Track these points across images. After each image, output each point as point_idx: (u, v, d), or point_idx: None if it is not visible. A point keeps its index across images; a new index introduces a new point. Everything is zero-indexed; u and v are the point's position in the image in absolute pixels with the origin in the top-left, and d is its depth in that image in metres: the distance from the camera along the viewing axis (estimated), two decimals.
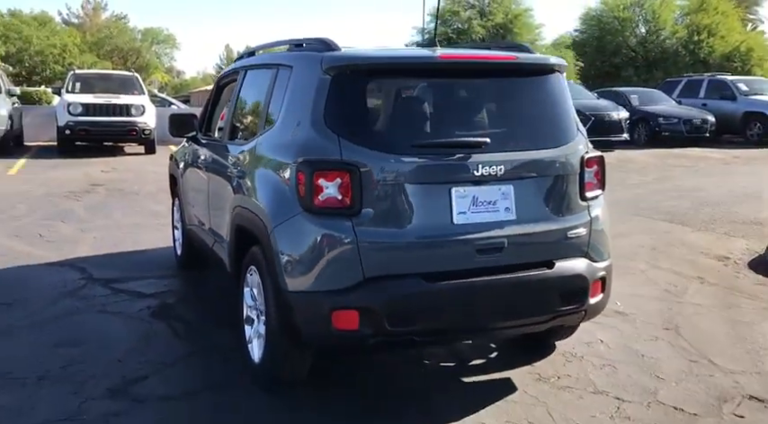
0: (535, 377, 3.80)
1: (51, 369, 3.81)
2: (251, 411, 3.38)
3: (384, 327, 3.09)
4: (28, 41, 32.59)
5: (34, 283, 5.44)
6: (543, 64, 3.62)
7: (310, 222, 3.14)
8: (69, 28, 42.31)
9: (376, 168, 3.12)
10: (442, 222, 3.22)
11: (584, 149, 3.60)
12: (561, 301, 3.46)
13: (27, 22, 36.81)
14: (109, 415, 3.29)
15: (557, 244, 3.45)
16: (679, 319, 4.79)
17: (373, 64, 3.34)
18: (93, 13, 47.96)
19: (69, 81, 14.93)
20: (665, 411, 3.43)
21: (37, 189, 9.88)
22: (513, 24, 34.91)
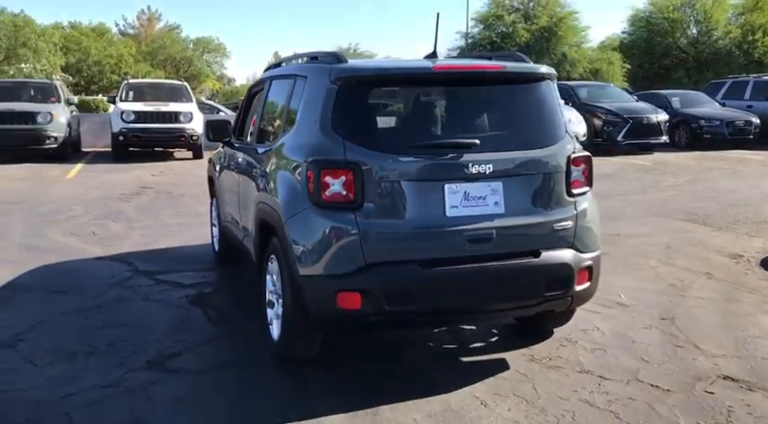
0: (528, 358, 4.16)
1: (99, 346, 4.34)
2: (269, 385, 3.82)
3: (383, 307, 3.51)
4: (86, 52, 34.16)
5: (86, 274, 6.03)
6: (530, 72, 4.00)
7: (318, 215, 3.58)
8: (125, 38, 44.01)
9: (376, 167, 3.54)
10: (436, 214, 3.61)
11: (572, 149, 3.95)
12: (547, 287, 3.81)
13: (86, 33, 38.49)
14: (147, 383, 3.78)
15: (543, 236, 3.81)
16: (678, 310, 5.07)
17: (374, 75, 3.78)
18: (147, 24, 49.70)
19: (123, 90, 15.79)
20: (642, 388, 3.75)
21: (92, 192, 10.62)
22: (558, 27, 34.95)
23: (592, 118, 16.89)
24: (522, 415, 3.44)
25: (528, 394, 3.67)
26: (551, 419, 3.40)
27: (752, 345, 4.39)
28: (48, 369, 3.96)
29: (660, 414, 3.46)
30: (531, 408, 3.52)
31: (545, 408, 3.52)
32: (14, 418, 3.38)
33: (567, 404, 3.57)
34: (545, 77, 3.99)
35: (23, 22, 30.54)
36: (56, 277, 5.97)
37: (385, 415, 3.42)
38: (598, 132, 16.89)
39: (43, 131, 14.01)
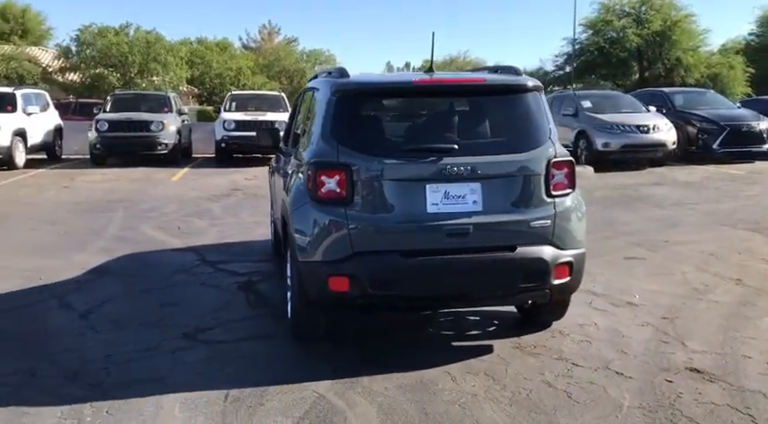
0: (515, 345, 4.54)
1: (150, 320, 5.12)
2: (277, 354, 4.44)
3: (367, 291, 4.04)
4: (209, 65, 36.64)
5: (160, 262, 6.92)
6: (510, 85, 4.41)
7: (315, 209, 4.16)
8: (246, 52, 46.66)
9: (363, 168, 4.07)
10: (418, 211, 4.10)
11: (552, 154, 4.31)
12: (523, 279, 4.20)
13: (211, 47, 41.20)
14: (176, 349, 4.50)
15: (519, 232, 4.20)
16: (684, 311, 5.25)
17: (365, 88, 4.33)
18: (268, 38, 52.35)
19: (227, 101, 17.15)
20: (606, 374, 4.06)
21: (189, 193, 11.77)
22: (672, 31, 33.75)
23: (686, 125, 16.49)
24: (483, 390, 3.86)
25: (497, 374, 4.08)
26: (507, 394, 3.80)
27: (739, 344, 4.54)
28: (104, 335, 4.77)
29: (610, 395, 3.77)
30: (495, 385, 3.93)
31: (507, 385, 3.92)
32: (67, 369, 4.17)
33: (528, 384, 3.95)
34: (527, 89, 4.39)
35: (155, 39, 33.13)
36: (134, 263, 6.90)
37: (362, 383, 3.93)
38: (692, 140, 16.47)
39: (156, 138, 15.54)
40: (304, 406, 3.64)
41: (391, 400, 3.72)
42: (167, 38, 34.71)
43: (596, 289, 5.85)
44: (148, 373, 4.10)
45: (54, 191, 12.10)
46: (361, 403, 3.68)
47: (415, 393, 3.81)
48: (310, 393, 3.81)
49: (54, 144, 17.15)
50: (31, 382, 3.98)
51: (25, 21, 46.83)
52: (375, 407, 3.63)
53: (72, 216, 9.65)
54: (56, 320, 5.12)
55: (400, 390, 3.86)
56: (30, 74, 31.93)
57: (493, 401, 3.72)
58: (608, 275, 6.32)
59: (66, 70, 33.91)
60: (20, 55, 32.34)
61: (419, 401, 3.70)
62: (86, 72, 32.96)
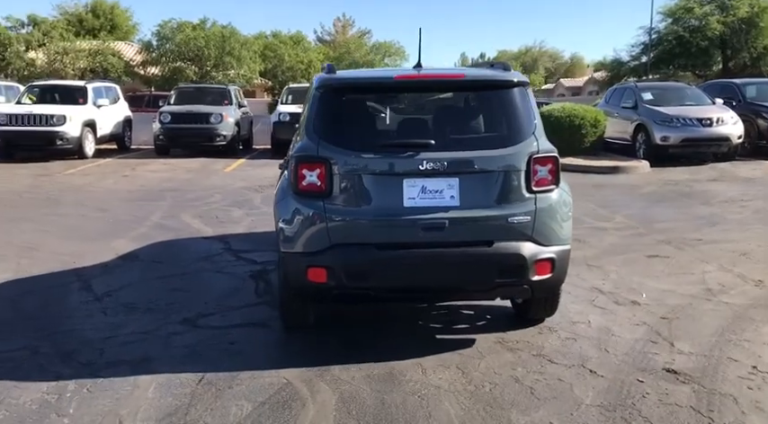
0: (497, 341, 4.55)
1: (159, 304, 5.38)
2: (264, 341, 4.62)
3: (343, 282, 4.15)
4: (281, 59, 37.37)
5: (187, 249, 7.23)
6: (491, 80, 4.40)
7: (296, 201, 4.28)
8: (319, 45, 47.34)
9: (341, 162, 4.17)
10: (394, 205, 4.17)
11: (534, 150, 4.28)
12: (499, 274, 4.21)
13: (285, 41, 42.01)
14: (171, 333, 4.72)
15: (497, 228, 4.20)
16: (688, 312, 5.12)
17: (345, 83, 4.41)
18: (342, 30, 52.93)
19: (284, 93, 17.54)
20: (578, 372, 4.03)
21: (236, 183, 12.15)
22: (760, 18, 32.05)
23: (756, 118, 15.79)
24: (448, 383, 3.90)
25: (468, 368, 4.11)
26: (471, 388, 3.84)
27: (731, 347, 4.41)
28: (111, 318, 5.05)
29: (573, 393, 3.76)
30: (462, 378, 3.97)
31: (473, 379, 3.95)
32: (67, 348, 4.46)
33: (496, 378, 3.97)
34: (509, 85, 4.37)
35: (229, 33, 34.13)
36: (163, 250, 7.24)
37: (333, 372, 4.05)
38: (763, 134, 15.73)
39: (214, 130, 16.08)
40: (269, 391, 3.79)
41: (354, 389, 3.82)
42: (243, 32, 35.77)
43: (604, 287, 5.76)
44: (138, 355, 4.33)
45: (113, 180, 12.74)
46: (324, 391, 3.79)
47: (381, 384, 3.89)
48: (280, 379, 3.95)
49: (123, 134, 18.01)
50: (32, 358, 4.28)
51: (114, 17, 49.11)
52: (336, 395, 3.74)
53: (122, 203, 10.16)
54: (73, 302, 5.45)
55: (367, 380, 3.95)
56: (114, 67, 33.48)
57: (453, 393, 3.76)
58: (623, 272, 6.21)
59: (147, 64, 35.35)
60: (105, 49, 33.89)
61: (381, 391, 3.78)
62: (166, 65, 34.27)
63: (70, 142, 15.17)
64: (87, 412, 3.54)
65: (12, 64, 32.24)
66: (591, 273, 6.21)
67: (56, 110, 15.30)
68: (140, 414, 3.52)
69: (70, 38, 34.29)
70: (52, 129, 14.99)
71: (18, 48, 32.27)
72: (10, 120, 15.09)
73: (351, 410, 3.57)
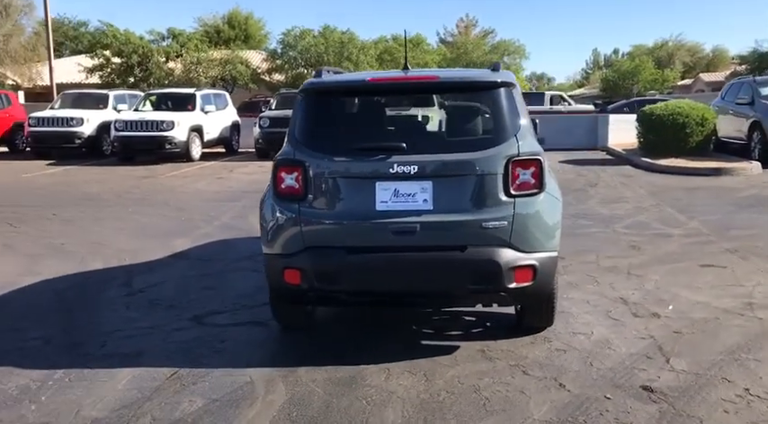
0: (482, 349, 4.41)
1: (181, 301, 5.65)
2: (255, 339, 4.74)
3: (315, 284, 4.19)
4: (397, 62, 37.82)
5: (236, 249, 7.51)
6: (467, 82, 4.26)
7: (275, 203, 4.37)
8: (441, 46, 47.35)
9: (316, 165, 4.21)
10: (366, 208, 4.15)
11: (513, 153, 4.12)
12: (473, 281, 4.08)
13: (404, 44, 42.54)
14: (175, 329, 4.94)
15: (471, 233, 4.07)
16: (709, 326, 4.73)
17: (321, 87, 4.42)
18: (464, 31, 52.67)
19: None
20: (547, 385, 3.84)
21: None
22: None
23: None
24: (404, 389, 3.84)
25: (436, 375, 4.02)
26: (424, 396, 3.75)
27: (731, 367, 4.03)
28: (131, 313, 5.37)
29: (527, 407, 3.59)
30: (423, 385, 3.89)
31: (433, 386, 3.86)
32: (75, 339, 4.79)
33: (457, 388, 3.85)
34: (487, 86, 4.22)
35: (348, 39, 35.03)
36: (215, 249, 7.58)
37: (298, 374, 4.08)
38: None
39: None
40: (227, 389, 3.89)
41: (308, 391, 3.84)
42: (364, 37, 36.62)
43: (632, 297, 5.42)
44: (133, 348, 4.58)
45: (206, 182, 13.46)
46: (279, 392, 3.84)
47: (337, 387, 3.89)
48: (245, 378, 4.04)
49: (231, 139, 18.97)
50: (41, 347, 4.65)
51: (247, 27, 51.85)
52: (287, 397, 3.78)
53: (202, 204, 10.73)
54: (106, 296, 5.84)
55: (327, 382, 3.96)
56: (241, 75, 35.27)
57: (403, 400, 3.70)
58: (663, 282, 5.81)
59: (272, 71, 36.94)
60: (234, 58, 35.75)
61: (332, 395, 3.78)
62: (289, 72, 35.67)
63: (178, 146, 16.21)
64: (55, 400, 3.79)
65: (153, 74, 34.78)
66: (626, 282, 5.86)
67: (165, 116, 16.41)
68: (100, 404, 3.73)
69: (204, 48, 36.51)
70: (162, 134, 16.09)
71: (158, 59, 34.73)
72: (126, 126, 16.36)
73: (292, 412, 3.60)
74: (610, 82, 45.81)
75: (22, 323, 5.12)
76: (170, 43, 37.13)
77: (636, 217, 8.92)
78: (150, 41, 36.90)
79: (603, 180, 12.82)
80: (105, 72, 34.33)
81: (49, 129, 17.47)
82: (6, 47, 34.84)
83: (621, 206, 9.87)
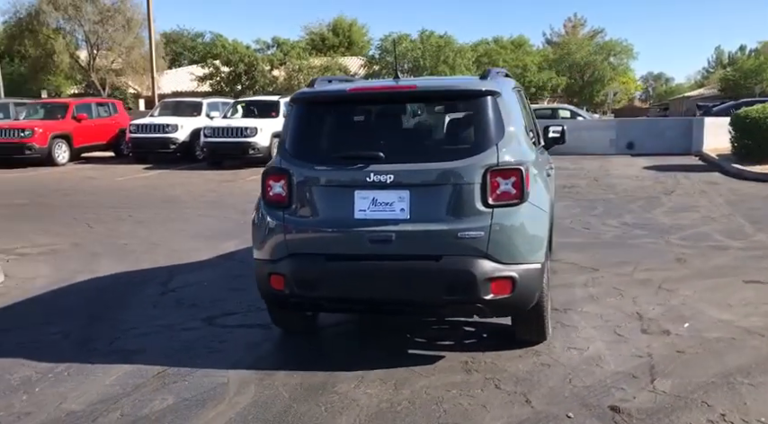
0: (465, 361, 4.34)
1: (204, 302, 5.88)
2: (252, 341, 4.86)
3: (296, 291, 4.28)
4: (495, 64, 37.43)
5: None
6: (445, 91, 4.20)
7: (264, 211, 4.49)
8: (545, 48, 46.43)
9: (299, 174, 4.30)
10: (345, 217, 4.19)
11: (493, 162, 4.04)
12: (448, 291, 4.04)
13: (505, 46, 42.03)
14: (185, 329, 5.15)
15: (446, 242, 4.03)
16: (719, 346, 4.46)
17: (305, 97, 4.49)
18: (572, 31, 51.32)
19: None
20: (513, 400, 3.75)
21: None
22: None
23: None
24: (368, 397, 3.85)
25: (406, 384, 4.00)
26: (384, 406, 3.75)
27: (719, 391, 3.80)
28: (154, 311, 5.66)
29: (481, 421, 3.53)
30: (389, 393, 3.89)
31: (398, 396, 3.85)
32: (92, 335, 5.09)
33: (421, 398, 3.82)
34: (468, 95, 4.16)
35: (444, 42, 35.06)
36: None
37: (275, 377, 4.17)
38: None
39: None
40: (202, 389, 4.03)
41: (275, 394, 3.93)
42: (463, 40, 36.60)
43: (651, 313, 5.16)
44: (138, 346, 4.83)
45: None
46: (247, 394, 3.95)
47: (304, 392, 3.95)
48: (223, 378, 4.18)
49: None
50: (58, 341, 4.98)
51: (351, 34, 52.93)
52: (253, 399, 3.87)
53: None
54: (140, 295, 6.17)
55: (297, 387, 4.03)
56: None
57: (361, 409, 3.71)
58: (692, 298, 5.50)
59: (369, 76, 37.53)
60: (333, 65, 36.61)
61: (296, 400, 3.84)
62: (385, 77, 36.14)
63: (261, 151, 16.79)
64: (46, 392, 4.07)
65: (258, 82, 36.19)
66: (653, 297, 5.57)
67: (249, 123, 17.07)
68: (82, 398, 3.96)
69: (305, 56, 37.62)
70: (245, 140, 16.75)
71: (263, 67, 36.10)
72: (214, 133, 17.13)
73: (249, 415, 3.69)
74: (730, 81, 43.24)
75: (53, 318, 5.51)
76: (274, 52, 38.50)
77: (698, 228, 8.43)
78: (256, 50, 38.44)
79: (683, 187, 12.16)
80: (215, 80, 36.03)
81: (147, 135, 18.59)
82: (128, 58, 37.29)
83: (689, 215, 9.35)
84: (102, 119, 20.68)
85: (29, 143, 18.16)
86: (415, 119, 4.47)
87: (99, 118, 20.62)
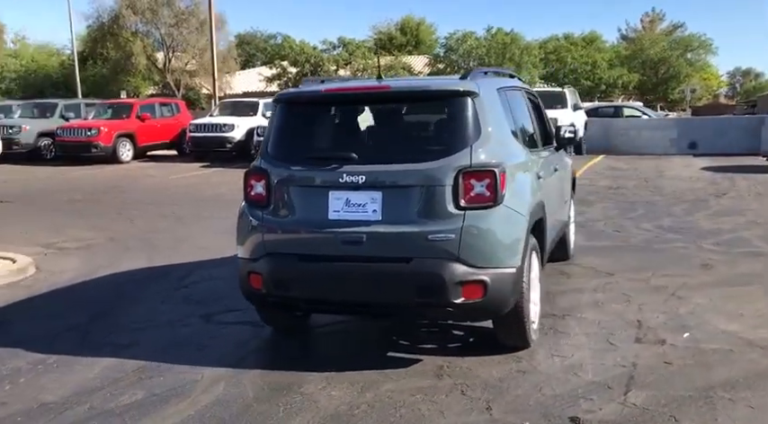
0: (441, 365, 4.25)
1: (211, 298, 5.93)
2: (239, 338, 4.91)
3: (272, 290, 4.30)
4: (563, 61, 36.59)
5: None
6: (419, 92, 4.13)
7: (246, 209, 4.52)
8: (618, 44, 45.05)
9: (275, 174, 4.31)
10: (320, 217, 4.18)
11: (465, 164, 3.95)
12: (418, 294, 3.97)
13: (576, 42, 41.05)
14: (181, 325, 5.23)
15: (417, 245, 3.96)
16: (712, 359, 4.24)
17: (282, 98, 4.49)
18: (649, 26, 49.57)
19: None
20: (473, 407, 3.66)
21: None
22: None
23: None
24: (329, 399, 3.82)
25: (373, 387, 3.95)
26: (343, 408, 3.70)
27: (692, 406, 3.60)
28: (161, 306, 5.77)
29: None
30: (352, 396, 3.85)
31: (360, 399, 3.80)
32: (92, 328, 5.22)
33: (382, 402, 3.76)
34: (444, 95, 4.09)
35: (510, 40, 34.52)
36: None
37: (247, 376, 4.18)
38: None
39: None
40: (173, 385, 4.08)
41: (240, 393, 3.94)
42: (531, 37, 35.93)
43: (653, 321, 4.95)
44: (132, 340, 4.94)
45: None
46: (214, 392, 3.96)
47: (271, 392, 3.95)
48: (197, 375, 4.22)
49: None
50: (60, 334, 5.10)
51: (419, 32, 52.81)
52: (216, 397, 3.89)
53: None
54: (153, 291, 6.31)
55: (264, 386, 4.03)
56: None
57: (318, 410, 3.69)
58: (703, 307, 5.25)
59: (434, 75, 37.37)
60: (397, 64, 36.66)
61: (258, 400, 3.84)
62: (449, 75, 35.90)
63: None
64: (30, 383, 4.20)
65: None
66: (661, 304, 5.33)
67: None
68: (60, 390, 4.07)
69: (370, 56, 37.80)
70: None
71: (329, 67, 36.50)
72: None
73: (206, 413, 3.71)
74: None
75: (64, 311, 5.72)
76: (340, 52, 38.86)
77: (738, 233, 8.00)
78: (322, 51, 38.88)
79: (737, 190, 11.58)
80: (282, 81, 36.67)
81: (205, 135, 19.13)
82: (202, 59, 38.35)
83: (733, 220, 8.88)
84: (166, 119, 21.38)
85: (95, 141, 18.98)
86: (389, 120, 4.40)
87: (162, 117, 21.33)
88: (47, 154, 20.34)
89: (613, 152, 18.38)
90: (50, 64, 43.32)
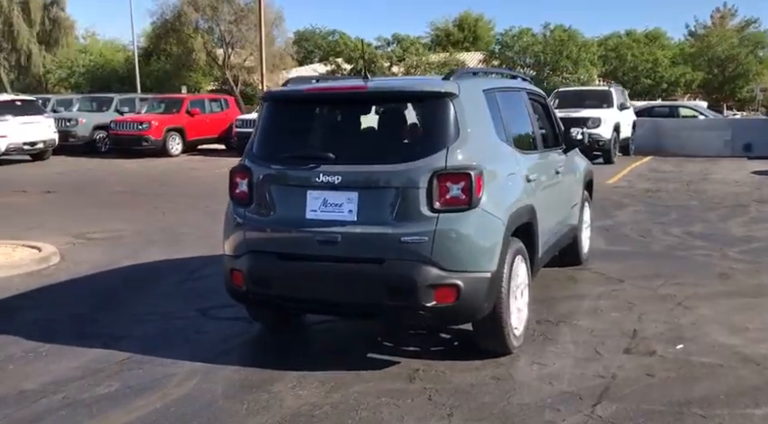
0: (416, 369, 4.19)
1: (213, 293, 5.93)
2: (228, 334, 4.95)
3: (251, 287, 4.33)
4: (623, 59, 35.59)
5: None
6: (396, 92, 4.10)
7: (231, 207, 4.56)
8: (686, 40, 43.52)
9: (257, 173, 4.34)
10: (298, 217, 4.18)
11: (440, 166, 3.88)
12: (389, 295, 3.93)
13: (638, 39, 39.94)
14: (176, 318, 5.30)
15: (389, 246, 3.91)
16: (699, 373, 4.07)
17: (266, 97, 4.50)
18: (719, 22, 47.65)
19: (552, 98, 16.90)
20: (434, 413, 3.59)
21: None
22: None
23: None
24: (295, 398, 3.81)
25: (342, 388, 3.92)
26: (306, 408, 3.69)
27: (660, 421, 3.41)
28: (163, 299, 5.87)
29: None
30: (318, 396, 3.83)
31: (327, 399, 3.79)
32: (92, 320, 5.35)
33: (347, 403, 3.73)
34: (422, 96, 4.04)
35: (567, 37, 33.83)
36: None
37: (222, 372, 4.21)
38: None
39: None
40: (150, 378, 4.14)
41: (209, 389, 3.96)
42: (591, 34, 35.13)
43: (648, 331, 4.79)
44: (125, 332, 5.03)
45: None
46: (186, 386, 4.00)
47: (240, 389, 3.98)
48: (174, 369, 4.27)
49: None
50: (61, 323, 5.23)
51: (476, 29, 52.32)
52: (186, 392, 3.93)
53: None
54: (160, 283, 6.43)
55: (235, 383, 4.06)
56: None
57: (280, 409, 3.68)
58: (706, 318, 5.05)
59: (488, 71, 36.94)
60: (450, 61, 36.41)
61: (226, 397, 3.86)
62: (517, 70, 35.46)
63: None
64: (17, 370, 4.33)
65: None
66: (663, 314, 5.14)
67: None
68: (40, 379, 4.17)
69: (424, 52, 37.66)
70: None
71: (382, 63, 36.58)
72: None
73: (171, 408, 3.74)
74: None
75: (72, 301, 5.88)
76: (394, 48, 38.87)
77: None
78: (376, 47, 38.96)
79: None
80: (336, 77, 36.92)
81: (249, 130, 19.30)
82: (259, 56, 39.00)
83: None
84: (215, 114, 21.77)
85: (146, 135, 19.49)
86: (368, 120, 4.37)
87: (211, 112, 21.73)
88: (101, 146, 20.98)
89: (663, 153, 17.80)
90: (117, 59, 44.70)
